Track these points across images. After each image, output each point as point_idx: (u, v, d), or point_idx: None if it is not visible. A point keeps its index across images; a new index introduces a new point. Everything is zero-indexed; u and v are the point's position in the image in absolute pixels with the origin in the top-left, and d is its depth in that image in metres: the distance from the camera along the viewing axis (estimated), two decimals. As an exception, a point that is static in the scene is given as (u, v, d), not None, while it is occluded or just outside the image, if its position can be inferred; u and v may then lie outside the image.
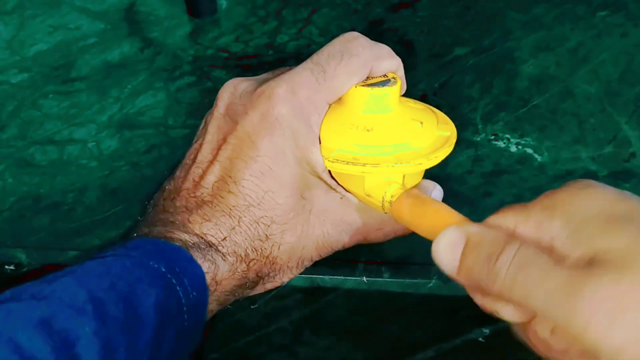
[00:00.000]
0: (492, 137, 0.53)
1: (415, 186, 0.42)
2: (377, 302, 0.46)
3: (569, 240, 0.32)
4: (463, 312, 0.46)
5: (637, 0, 0.65)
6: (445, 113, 0.45)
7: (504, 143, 0.53)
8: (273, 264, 0.42)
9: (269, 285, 0.43)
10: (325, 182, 0.42)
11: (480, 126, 0.54)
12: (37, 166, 0.53)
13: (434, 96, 0.57)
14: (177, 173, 0.44)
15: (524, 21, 0.64)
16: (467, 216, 0.48)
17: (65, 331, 0.34)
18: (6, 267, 0.47)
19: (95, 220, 0.49)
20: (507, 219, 0.34)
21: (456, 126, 0.44)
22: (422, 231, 0.38)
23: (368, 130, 0.41)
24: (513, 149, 0.52)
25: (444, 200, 0.49)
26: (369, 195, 0.41)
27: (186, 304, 0.38)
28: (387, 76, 0.43)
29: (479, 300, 0.35)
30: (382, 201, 0.40)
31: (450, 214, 0.37)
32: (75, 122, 0.57)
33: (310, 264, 0.44)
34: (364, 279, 0.45)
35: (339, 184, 0.43)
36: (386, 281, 0.45)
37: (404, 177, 0.41)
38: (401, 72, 0.44)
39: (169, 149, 0.54)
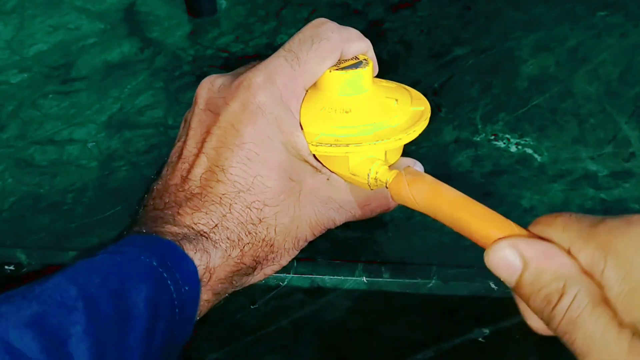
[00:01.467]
0: (492, 137, 0.53)
1: (396, 162, 0.44)
2: (377, 302, 0.46)
3: (619, 288, 0.30)
4: (463, 312, 0.46)
5: (637, 0, 0.65)
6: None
7: (504, 143, 0.53)
8: (271, 246, 0.42)
9: (269, 270, 0.44)
10: (311, 165, 0.43)
11: (480, 126, 0.54)
12: (37, 166, 0.53)
13: (434, 96, 0.57)
14: (164, 172, 0.44)
15: (524, 21, 0.64)
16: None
17: (57, 329, 0.34)
18: (6, 267, 0.47)
19: (95, 220, 0.49)
20: (563, 237, 0.33)
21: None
22: (435, 213, 0.38)
23: (346, 112, 0.43)
24: (513, 149, 0.52)
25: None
26: (354, 175, 0.42)
27: (177, 299, 0.38)
28: (358, 58, 0.44)
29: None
30: (368, 178, 0.42)
31: (474, 203, 0.36)
32: (75, 122, 0.57)
33: (305, 244, 0.44)
34: (364, 279, 0.45)
35: (324, 166, 0.44)
36: (386, 281, 0.45)
37: (385, 153, 0.43)
38: (371, 53, 0.45)
39: (168, 149, 0.54)
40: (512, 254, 0.33)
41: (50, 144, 0.55)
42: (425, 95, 0.46)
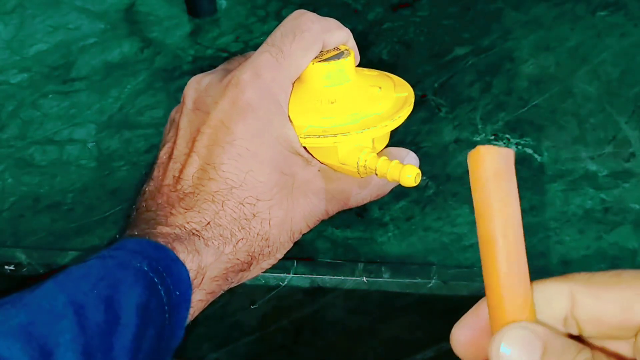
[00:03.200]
0: (492, 137, 0.53)
1: (384, 148, 0.45)
2: (377, 302, 0.46)
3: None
4: (463, 312, 0.46)
5: (637, 0, 0.65)
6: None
7: (504, 143, 0.53)
8: (266, 240, 0.42)
9: (265, 265, 0.44)
10: (302, 157, 0.43)
11: (480, 126, 0.54)
12: (37, 166, 0.53)
13: (434, 96, 0.57)
14: (155, 173, 0.44)
15: (524, 21, 0.64)
16: (467, 219, 0.48)
17: (45, 338, 0.34)
18: (6, 267, 0.47)
19: (95, 220, 0.49)
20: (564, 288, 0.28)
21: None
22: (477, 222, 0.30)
23: (332, 103, 0.43)
24: (513, 149, 0.52)
25: (445, 200, 0.49)
26: (343, 164, 0.43)
27: (168, 304, 0.38)
28: (339, 49, 0.45)
29: None
30: (357, 167, 0.42)
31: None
32: (75, 122, 0.57)
33: (300, 236, 0.44)
34: (364, 279, 0.45)
35: (314, 158, 0.44)
36: (386, 281, 0.45)
37: (373, 141, 0.43)
38: (352, 42, 0.46)
39: (169, 149, 0.54)
40: (533, 336, 0.28)
41: (50, 144, 0.55)
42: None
